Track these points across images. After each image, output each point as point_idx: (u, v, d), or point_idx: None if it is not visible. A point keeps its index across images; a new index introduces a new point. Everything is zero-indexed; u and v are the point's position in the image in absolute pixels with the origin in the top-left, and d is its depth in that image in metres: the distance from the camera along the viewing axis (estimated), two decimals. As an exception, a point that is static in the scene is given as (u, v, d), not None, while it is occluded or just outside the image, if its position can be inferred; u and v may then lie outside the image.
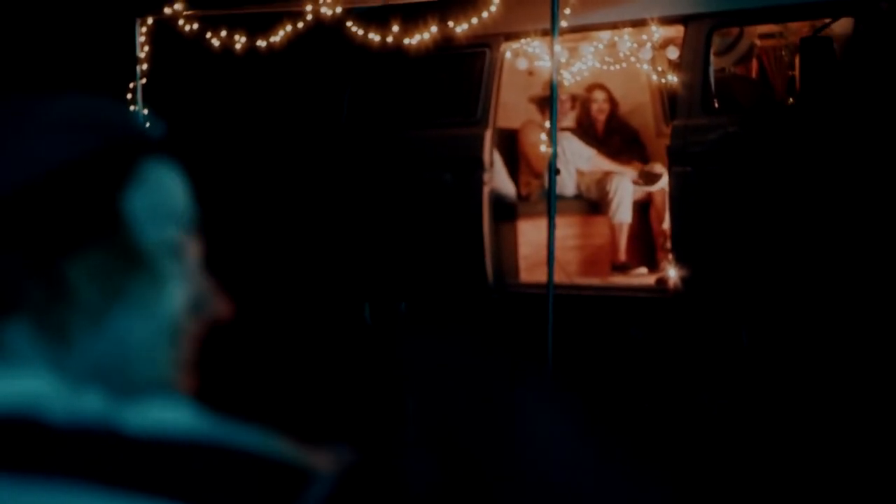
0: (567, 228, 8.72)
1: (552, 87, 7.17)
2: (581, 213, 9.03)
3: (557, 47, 7.22)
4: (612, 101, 9.45)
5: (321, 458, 0.90)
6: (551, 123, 7.24)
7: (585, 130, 9.28)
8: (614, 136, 9.40)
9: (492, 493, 0.92)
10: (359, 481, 0.90)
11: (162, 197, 1.04)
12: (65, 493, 0.87)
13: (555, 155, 7.33)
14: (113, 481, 0.87)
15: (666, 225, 8.26)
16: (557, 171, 7.48)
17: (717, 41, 7.95)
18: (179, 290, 1.04)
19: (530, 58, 9.02)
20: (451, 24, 8.14)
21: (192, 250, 1.06)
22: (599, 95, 9.37)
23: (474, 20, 8.03)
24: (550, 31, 7.33)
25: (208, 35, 8.90)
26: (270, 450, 0.90)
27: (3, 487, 0.88)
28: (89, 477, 0.87)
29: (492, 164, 8.45)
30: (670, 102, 9.01)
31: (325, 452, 0.92)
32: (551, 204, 7.21)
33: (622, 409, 7.19)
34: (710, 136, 7.54)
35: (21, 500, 0.87)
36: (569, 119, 9.25)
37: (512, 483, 0.93)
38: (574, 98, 9.34)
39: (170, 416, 0.91)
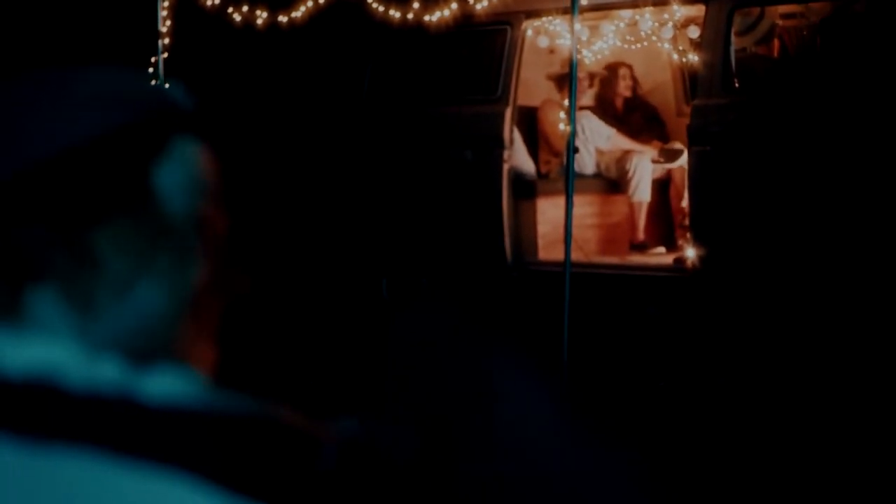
0: (586, 207, 8.72)
1: (572, 66, 7.17)
2: (600, 192, 9.03)
3: (577, 25, 7.21)
4: (635, 80, 9.44)
5: (328, 430, 0.93)
6: (570, 102, 7.24)
7: (605, 109, 9.27)
8: (634, 115, 9.39)
9: (466, 466, 0.95)
10: (362, 453, 0.92)
11: (191, 171, 1.06)
12: (76, 458, 0.89)
13: (573, 133, 7.33)
14: (124, 449, 0.89)
15: (685, 204, 8.25)
16: (576, 150, 7.48)
17: (738, 21, 7.92)
18: (203, 264, 1.06)
19: (552, 35, 9.00)
20: (471, 1, 8.14)
21: (217, 225, 1.09)
22: (625, 72, 9.36)
23: (494, -3, 8.03)
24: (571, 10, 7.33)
25: (230, 10, 8.91)
26: (277, 421, 0.93)
27: (17, 450, 0.90)
28: (101, 444, 0.89)
29: (512, 141, 8.45)
30: (691, 82, 8.99)
31: (332, 424, 0.94)
32: (569, 182, 7.21)
33: (637, 387, 7.20)
34: (731, 115, 7.52)
35: (33, 464, 0.90)
36: (587, 97, 9.23)
37: (486, 456, 0.95)
38: (592, 76, 9.32)
39: (182, 386, 0.93)
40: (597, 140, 8.99)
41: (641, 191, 8.80)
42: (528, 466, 0.95)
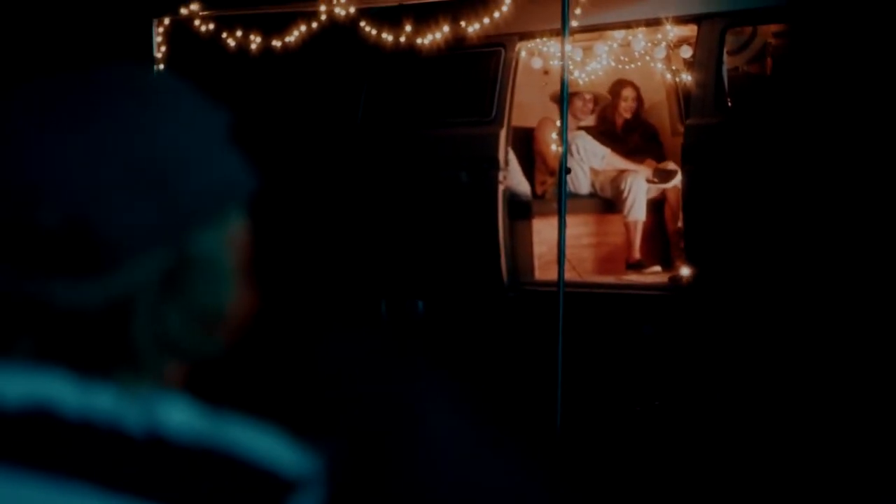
0: (582, 227, 8.74)
1: (563, 86, 7.19)
2: (596, 212, 9.05)
3: (568, 47, 7.23)
4: (639, 99, 9.43)
5: (312, 459, 0.94)
6: (562, 122, 7.26)
7: (605, 129, 9.29)
8: (633, 135, 9.40)
9: (391, 479, 0.95)
10: (346, 483, 0.93)
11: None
12: (66, 488, 0.91)
13: (565, 153, 7.34)
14: (109, 481, 0.90)
15: (680, 223, 8.26)
16: (569, 170, 7.49)
17: (730, 40, 7.94)
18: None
19: (545, 57, 9.03)
20: (463, 24, 8.17)
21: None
22: (629, 93, 9.37)
23: (486, 20, 8.05)
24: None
25: (224, 35, 8.95)
26: (264, 453, 0.94)
27: (11, 478, 0.92)
28: (89, 475, 0.91)
29: (507, 162, 8.47)
30: (685, 101, 9.01)
31: (319, 450, 0.95)
32: (561, 203, 7.22)
33: (634, 406, 7.20)
34: (724, 134, 7.54)
35: (28, 494, 0.91)
36: (591, 118, 9.26)
37: (410, 470, 0.96)
38: (597, 98, 9.32)
39: (172, 416, 0.95)
40: (591, 160, 9.00)
41: (637, 210, 8.81)
42: (457, 486, 0.96)
